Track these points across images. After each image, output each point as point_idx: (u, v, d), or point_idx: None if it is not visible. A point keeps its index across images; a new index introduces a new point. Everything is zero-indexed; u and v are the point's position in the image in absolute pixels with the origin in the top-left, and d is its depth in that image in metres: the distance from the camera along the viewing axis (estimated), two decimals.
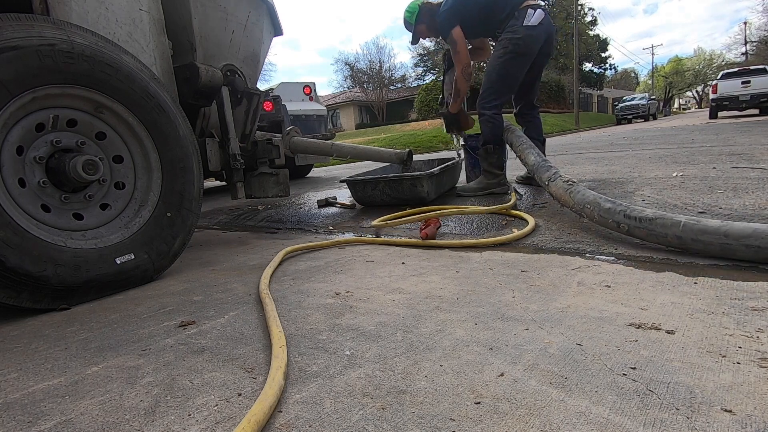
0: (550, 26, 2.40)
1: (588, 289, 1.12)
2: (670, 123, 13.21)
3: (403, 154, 2.75)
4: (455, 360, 0.81)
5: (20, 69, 1.23)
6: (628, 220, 1.43)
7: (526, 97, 2.68)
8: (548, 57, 2.55)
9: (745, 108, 12.31)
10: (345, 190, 3.56)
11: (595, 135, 9.82)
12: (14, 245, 1.19)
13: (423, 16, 2.61)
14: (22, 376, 0.88)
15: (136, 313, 1.23)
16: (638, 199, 2.01)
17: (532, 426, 0.60)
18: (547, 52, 2.47)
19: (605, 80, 38.99)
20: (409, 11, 2.63)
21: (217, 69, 2.04)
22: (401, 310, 1.09)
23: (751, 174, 2.31)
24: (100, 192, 1.49)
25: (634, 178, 2.62)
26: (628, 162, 3.45)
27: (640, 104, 22.89)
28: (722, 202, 1.79)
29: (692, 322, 0.88)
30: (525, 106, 2.70)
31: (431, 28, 2.64)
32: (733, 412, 0.59)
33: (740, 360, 0.72)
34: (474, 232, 1.89)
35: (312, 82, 6.12)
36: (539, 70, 2.59)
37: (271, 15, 2.53)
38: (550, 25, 2.40)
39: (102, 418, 0.71)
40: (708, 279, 1.12)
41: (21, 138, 1.30)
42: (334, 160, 7.92)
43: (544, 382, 0.70)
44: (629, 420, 0.60)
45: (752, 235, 1.16)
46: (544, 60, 2.52)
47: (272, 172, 2.44)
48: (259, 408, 0.64)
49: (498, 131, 2.46)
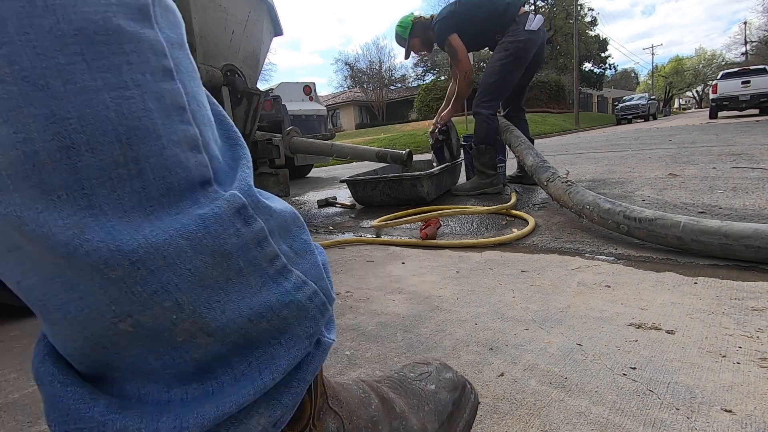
0: (545, 33, 2.49)
1: (588, 289, 1.12)
2: (670, 123, 13.22)
3: (402, 155, 2.76)
4: (455, 360, 0.81)
5: None
6: (627, 220, 1.43)
7: (515, 101, 2.75)
8: (540, 63, 2.63)
9: (745, 108, 12.31)
10: (345, 190, 3.56)
11: (595, 135, 9.82)
12: None
13: (416, 30, 2.64)
14: (22, 376, 0.88)
15: None
16: (638, 199, 2.01)
17: (532, 426, 0.60)
18: (539, 58, 2.54)
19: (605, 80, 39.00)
20: (402, 26, 2.66)
21: (217, 69, 2.04)
22: (401, 310, 1.09)
23: (751, 174, 2.31)
24: None
25: (634, 178, 2.62)
26: (628, 162, 3.45)
27: (640, 104, 22.88)
28: (722, 202, 1.79)
29: (692, 322, 0.88)
30: (513, 109, 2.77)
31: (425, 42, 2.68)
32: (733, 412, 0.59)
33: (740, 360, 0.72)
34: (474, 232, 1.89)
35: (312, 82, 6.12)
36: (531, 75, 2.66)
37: (271, 15, 2.53)
38: (545, 32, 2.49)
39: None
40: (708, 279, 1.12)
41: None
42: (334, 160, 7.92)
43: (544, 382, 0.70)
44: (629, 420, 0.60)
45: (752, 235, 1.16)
46: (535, 66, 2.60)
47: (272, 172, 2.44)
48: None
49: (492, 132, 2.48)
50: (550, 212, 2.02)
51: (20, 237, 0.23)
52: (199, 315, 0.27)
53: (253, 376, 0.29)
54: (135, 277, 0.24)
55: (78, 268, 0.23)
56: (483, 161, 2.54)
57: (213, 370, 0.29)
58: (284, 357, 0.31)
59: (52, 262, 0.23)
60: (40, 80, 0.21)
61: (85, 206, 0.23)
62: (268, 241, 0.30)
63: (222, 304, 0.27)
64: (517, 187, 2.69)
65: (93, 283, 0.24)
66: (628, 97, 25.84)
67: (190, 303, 0.26)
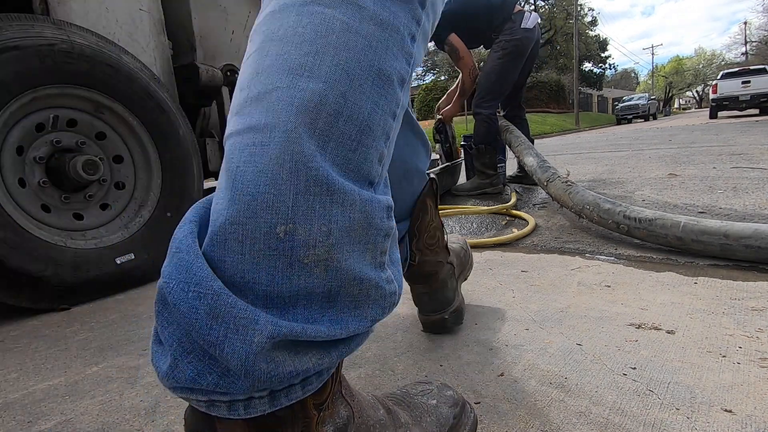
0: (539, 31, 2.51)
1: (588, 289, 1.12)
2: (670, 123, 13.21)
3: None
4: (455, 360, 0.81)
5: (20, 69, 1.23)
6: (627, 220, 1.43)
7: (514, 100, 2.75)
8: (534, 61, 2.65)
9: (745, 108, 12.32)
10: None
11: (595, 135, 9.82)
12: (14, 245, 1.19)
13: None
14: (22, 376, 0.88)
15: (136, 313, 1.23)
16: (638, 199, 2.01)
17: (532, 426, 0.60)
18: (534, 56, 2.54)
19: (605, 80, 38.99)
20: None
21: (217, 69, 2.04)
22: (401, 310, 1.09)
23: (751, 174, 2.31)
24: (101, 192, 1.49)
25: (634, 178, 2.62)
26: (628, 162, 3.45)
27: (640, 104, 22.89)
28: (722, 202, 1.79)
29: (692, 322, 0.88)
30: (512, 108, 2.78)
31: None
32: (733, 412, 0.59)
33: (740, 360, 0.72)
34: (474, 232, 1.89)
35: None
36: (527, 73, 2.67)
37: None
38: (539, 30, 2.51)
39: (102, 418, 0.71)
40: (708, 279, 1.12)
41: (21, 138, 1.30)
42: None
43: (544, 382, 0.70)
44: (629, 420, 0.60)
45: (752, 236, 1.16)
46: (530, 64, 2.61)
47: None
48: None
49: (493, 132, 2.48)
50: (550, 212, 2.02)
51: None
52: (334, 250, 0.34)
53: (329, 321, 0.35)
54: (332, 198, 0.33)
55: (330, 194, 0.33)
56: (483, 161, 2.54)
57: (299, 303, 0.34)
58: (353, 323, 0.36)
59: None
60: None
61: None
62: (390, 238, 0.39)
63: (348, 255, 0.35)
64: (517, 187, 2.69)
65: (316, 200, 0.33)
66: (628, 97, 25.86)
67: (338, 236, 0.34)
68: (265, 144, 0.32)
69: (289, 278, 0.33)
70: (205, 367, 0.31)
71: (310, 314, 0.34)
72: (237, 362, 0.31)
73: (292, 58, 0.34)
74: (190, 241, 0.33)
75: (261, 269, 0.32)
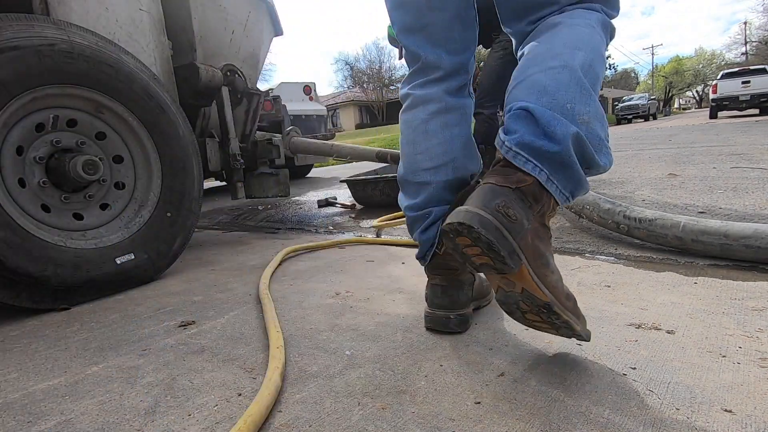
0: None
1: (588, 289, 1.12)
2: (670, 123, 13.21)
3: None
4: (455, 360, 0.81)
5: (20, 69, 1.23)
6: (627, 220, 1.43)
7: None
8: None
9: (745, 108, 12.32)
10: (345, 190, 3.56)
11: None
12: (14, 245, 1.19)
13: None
14: (22, 376, 0.88)
15: (136, 313, 1.23)
16: (638, 199, 2.01)
17: (532, 426, 0.60)
18: None
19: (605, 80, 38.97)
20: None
21: (217, 69, 2.04)
22: (401, 310, 1.09)
23: (751, 174, 2.31)
24: (100, 192, 1.49)
25: (634, 178, 2.62)
26: (628, 162, 3.45)
27: (640, 104, 22.89)
28: (722, 202, 1.79)
29: (692, 322, 0.88)
30: None
31: None
32: (733, 412, 0.59)
33: (740, 360, 0.72)
34: None
35: (312, 82, 6.13)
36: None
37: (271, 15, 2.53)
38: None
39: (102, 418, 0.71)
40: (708, 279, 1.12)
41: (21, 138, 1.31)
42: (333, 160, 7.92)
43: (544, 382, 0.70)
44: (629, 420, 0.60)
45: (752, 236, 1.16)
46: None
47: (272, 172, 2.44)
48: (255, 409, 0.64)
49: (494, 132, 2.47)
50: None
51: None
52: (591, 119, 0.71)
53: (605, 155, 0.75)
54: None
55: (589, 96, 0.72)
56: (483, 161, 2.54)
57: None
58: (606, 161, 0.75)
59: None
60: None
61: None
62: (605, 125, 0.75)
63: (599, 125, 0.72)
64: None
65: (585, 97, 0.71)
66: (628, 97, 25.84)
67: (593, 114, 0.72)
68: (562, 73, 0.70)
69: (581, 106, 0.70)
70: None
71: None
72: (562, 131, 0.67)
73: (572, 43, 0.73)
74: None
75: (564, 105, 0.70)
